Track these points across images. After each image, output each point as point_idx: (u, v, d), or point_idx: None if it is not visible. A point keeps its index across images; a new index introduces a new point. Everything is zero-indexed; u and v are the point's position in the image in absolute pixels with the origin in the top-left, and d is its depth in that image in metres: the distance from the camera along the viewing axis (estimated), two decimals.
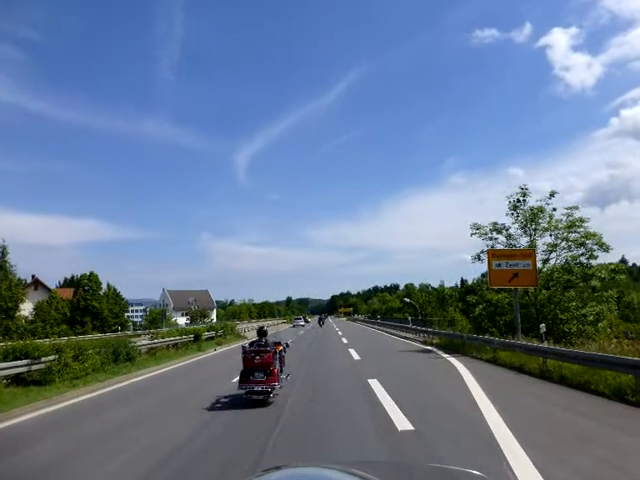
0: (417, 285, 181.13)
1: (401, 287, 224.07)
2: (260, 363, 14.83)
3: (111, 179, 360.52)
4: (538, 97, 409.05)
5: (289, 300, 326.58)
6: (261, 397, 14.65)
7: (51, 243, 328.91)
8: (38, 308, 72.00)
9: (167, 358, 30.47)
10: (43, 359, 19.64)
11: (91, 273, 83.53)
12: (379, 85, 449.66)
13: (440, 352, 29.23)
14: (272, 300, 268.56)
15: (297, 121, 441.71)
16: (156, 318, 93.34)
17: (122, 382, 20.84)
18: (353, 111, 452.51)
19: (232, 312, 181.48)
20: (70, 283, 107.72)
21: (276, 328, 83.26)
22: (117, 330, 75.24)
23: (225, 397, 15.90)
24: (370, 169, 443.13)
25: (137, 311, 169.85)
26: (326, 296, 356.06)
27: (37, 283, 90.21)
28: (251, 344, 15.94)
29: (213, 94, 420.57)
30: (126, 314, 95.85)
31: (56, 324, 69.60)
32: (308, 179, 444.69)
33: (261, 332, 16.27)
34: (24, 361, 18.96)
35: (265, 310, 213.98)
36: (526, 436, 9.57)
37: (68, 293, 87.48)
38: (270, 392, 14.73)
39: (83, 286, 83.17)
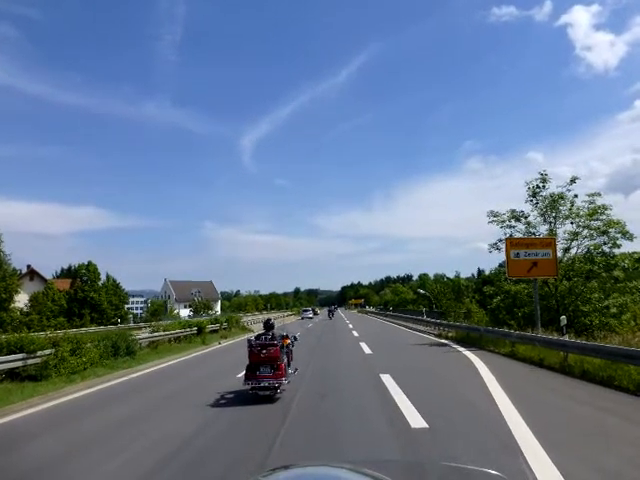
0: (431, 275, 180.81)
1: (415, 278, 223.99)
2: (267, 357, 14.79)
3: (110, 164, 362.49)
4: (558, 78, 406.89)
5: (297, 291, 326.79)
6: (268, 393, 14.63)
7: (47, 231, 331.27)
8: (34, 299, 72.25)
9: (169, 352, 30.54)
10: (39, 353, 19.68)
11: (89, 263, 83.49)
12: (392, 66, 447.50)
13: (456, 346, 29.25)
14: (279, 291, 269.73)
15: (305, 104, 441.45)
16: (158, 310, 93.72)
17: (122, 377, 20.95)
18: (364, 93, 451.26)
19: (237, 304, 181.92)
20: (67, 273, 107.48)
21: (283, 320, 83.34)
22: (117, 323, 74.97)
23: (230, 393, 15.91)
24: (382, 154, 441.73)
25: (138, 303, 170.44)
26: (336, 287, 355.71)
27: (33, 273, 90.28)
28: (257, 337, 15.90)
29: (217, 75, 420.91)
30: (126, 306, 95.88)
31: (52, 316, 69.90)
32: (317, 164, 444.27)
33: (268, 325, 16.26)
34: (19, 355, 18.99)
35: (272, 302, 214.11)
36: (546, 434, 9.55)
37: (65, 284, 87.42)
38: (277, 388, 14.73)
39: (81, 277, 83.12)
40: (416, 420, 11.14)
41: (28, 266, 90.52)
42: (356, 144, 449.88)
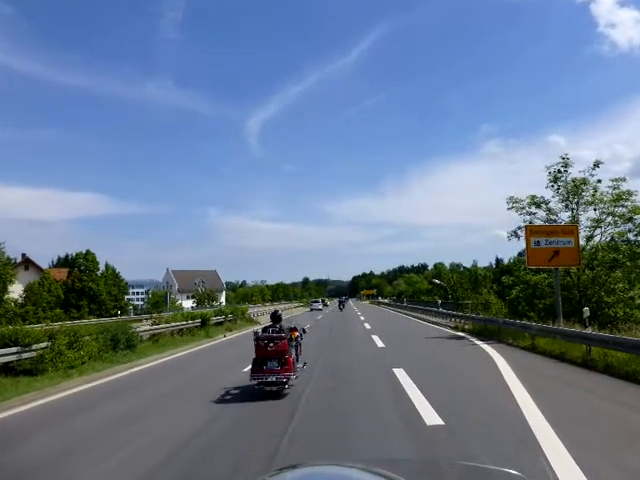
0: (447, 265, 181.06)
1: (430, 267, 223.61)
2: (274, 351, 14.78)
3: (109, 148, 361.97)
4: (580, 57, 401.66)
5: (306, 281, 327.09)
6: (275, 388, 14.61)
7: (43, 218, 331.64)
8: (29, 290, 72.34)
9: (171, 345, 30.57)
10: (34, 346, 19.71)
11: (87, 252, 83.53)
12: (405, 44, 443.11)
13: (473, 339, 29.31)
14: (287, 281, 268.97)
15: (314, 84, 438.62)
16: (159, 301, 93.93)
17: (121, 372, 20.99)
18: (377, 73, 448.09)
19: (243, 294, 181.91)
20: (64, 263, 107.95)
21: (291, 312, 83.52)
22: (116, 314, 74.91)
23: (235, 388, 15.94)
24: (395, 137, 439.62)
25: (138, 293, 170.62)
26: (347, 277, 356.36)
27: (28, 262, 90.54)
28: (264, 330, 15.97)
29: (222, 54, 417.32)
30: (126, 297, 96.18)
31: (49, 308, 69.99)
32: (327, 148, 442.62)
33: (275, 317, 16.32)
34: (13, 349, 19.00)
35: (279, 292, 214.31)
36: (568, 431, 9.55)
37: (62, 274, 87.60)
38: (285, 383, 14.68)
39: (79, 266, 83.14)
40: (431, 417, 11.15)
41: (23, 255, 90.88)
42: (368, 127, 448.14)
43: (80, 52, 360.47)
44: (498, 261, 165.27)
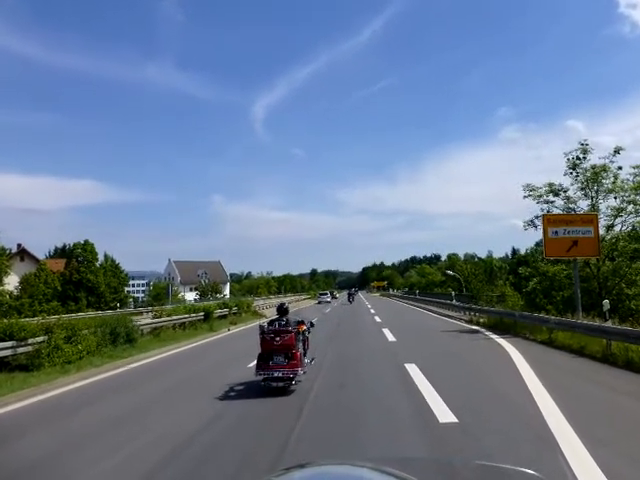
0: (461, 255, 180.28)
1: (443, 258, 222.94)
2: (280, 345, 14.75)
3: (109, 133, 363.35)
4: (600, 39, 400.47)
5: (314, 273, 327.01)
6: (281, 384, 14.57)
7: (40, 207, 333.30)
8: (25, 282, 72.53)
9: (173, 340, 30.62)
10: (30, 341, 19.79)
11: (86, 242, 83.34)
12: (420, 24, 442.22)
13: (488, 333, 29.29)
14: (294, 273, 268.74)
15: (323, 66, 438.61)
16: (161, 293, 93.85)
17: (121, 367, 21.00)
18: (389, 54, 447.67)
19: (248, 286, 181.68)
20: (61, 253, 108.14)
21: (298, 305, 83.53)
22: (116, 307, 75.04)
23: (240, 384, 15.91)
24: (408, 121, 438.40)
25: (139, 285, 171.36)
26: (357, 268, 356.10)
27: (23, 253, 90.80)
28: (270, 323, 15.96)
29: (226, 36, 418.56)
30: (126, 289, 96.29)
31: (45, 300, 69.99)
32: (336, 133, 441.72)
33: (282, 309, 16.29)
34: (8, 343, 19.06)
35: (286, 284, 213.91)
36: (587, 430, 9.53)
37: (59, 265, 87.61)
38: (292, 378, 14.63)
39: (76, 257, 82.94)
40: (444, 414, 11.15)
41: (18, 245, 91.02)
42: (380, 110, 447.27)
43: (79, 33, 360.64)
44: (514, 251, 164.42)
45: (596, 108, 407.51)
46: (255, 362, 15.10)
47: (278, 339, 14.82)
